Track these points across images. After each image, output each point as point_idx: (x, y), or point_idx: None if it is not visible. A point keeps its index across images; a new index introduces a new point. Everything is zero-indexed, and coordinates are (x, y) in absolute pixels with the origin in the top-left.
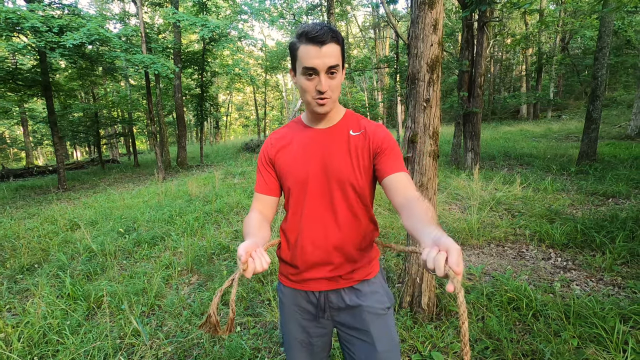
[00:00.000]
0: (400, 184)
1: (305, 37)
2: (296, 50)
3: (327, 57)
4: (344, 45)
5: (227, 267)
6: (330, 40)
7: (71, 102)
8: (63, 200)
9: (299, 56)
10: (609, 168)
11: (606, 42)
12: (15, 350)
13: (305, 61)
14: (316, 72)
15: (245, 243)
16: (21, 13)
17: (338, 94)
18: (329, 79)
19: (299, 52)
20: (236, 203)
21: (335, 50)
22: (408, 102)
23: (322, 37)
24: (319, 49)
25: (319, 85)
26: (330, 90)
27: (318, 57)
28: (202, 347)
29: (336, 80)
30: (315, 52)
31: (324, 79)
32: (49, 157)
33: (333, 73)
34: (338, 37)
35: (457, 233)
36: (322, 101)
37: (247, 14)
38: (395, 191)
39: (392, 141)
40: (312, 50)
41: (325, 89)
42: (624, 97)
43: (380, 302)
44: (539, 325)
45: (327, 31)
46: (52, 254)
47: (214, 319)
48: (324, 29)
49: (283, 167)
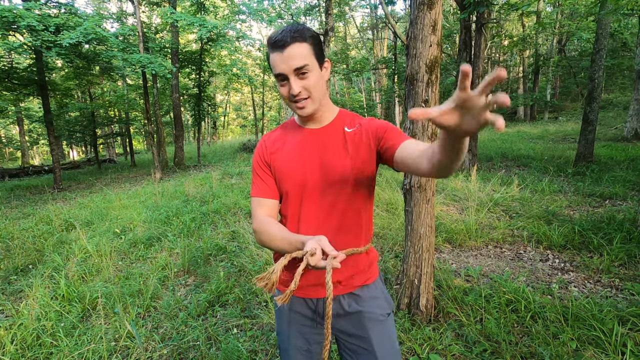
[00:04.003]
0: (412, 145)
1: (270, 45)
2: (269, 59)
3: (291, 60)
4: (316, 40)
5: (223, 268)
6: (292, 42)
7: (67, 101)
8: (59, 200)
9: (271, 64)
10: (606, 170)
11: (603, 44)
12: (8, 353)
13: (274, 68)
14: (285, 77)
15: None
16: (17, 11)
17: (319, 92)
18: (299, 80)
19: (270, 61)
20: (233, 204)
21: (300, 50)
22: (406, 103)
23: (282, 41)
24: (282, 53)
25: (290, 89)
26: (305, 91)
27: (283, 61)
28: (198, 350)
29: (310, 79)
30: (279, 57)
31: (293, 82)
32: (45, 157)
33: (304, 73)
34: (302, 35)
35: (455, 234)
36: (300, 104)
37: (245, 14)
38: (410, 153)
39: (389, 124)
40: (277, 56)
41: (297, 91)
42: (620, 99)
43: (380, 307)
44: (538, 327)
45: (287, 33)
46: (47, 254)
47: (275, 277)
48: (284, 32)
49: (279, 170)
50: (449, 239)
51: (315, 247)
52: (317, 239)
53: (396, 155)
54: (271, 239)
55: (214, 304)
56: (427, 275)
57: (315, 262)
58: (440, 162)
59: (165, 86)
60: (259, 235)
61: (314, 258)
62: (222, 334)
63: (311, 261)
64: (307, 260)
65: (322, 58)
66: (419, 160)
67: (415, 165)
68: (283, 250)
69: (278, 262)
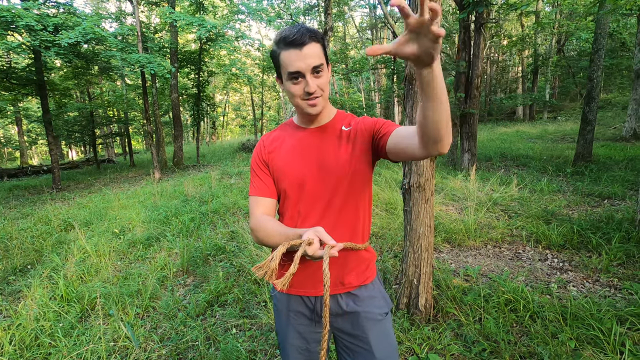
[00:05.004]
0: (404, 128)
1: (284, 42)
2: (278, 57)
3: (309, 58)
4: (325, 42)
5: (222, 268)
6: (309, 41)
7: (66, 101)
8: (57, 201)
9: (282, 62)
10: (605, 169)
11: (602, 44)
12: (6, 353)
13: (289, 66)
14: (302, 75)
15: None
16: (16, 11)
17: (327, 92)
18: (315, 79)
19: (281, 59)
20: (232, 204)
21: (316, 49)
22: (405, 103)
23: (301, 39)
24: (300, 51)
25: (307, 87)
26: (319, 89)
27: (300, 59)
28: (197, 350)
29: (323, 78)
30: (297, 55)
31: (310, 80)
32: (44, 157)
33: (319, 72)
34: (317, 35)
35: (454, 234)
36: (313, 101)
37: (244, 13)
38: (402, 135)
39: (381, 119)
40: (293, 54)
41: (314, 89)
42: (619, 99)
43: (378, 307)
44: (537, 327)
45: (305, 32)
46: (46, 254)
47: (274, 264)
48: (301, 31)
49: (278, 169)
50: (448, 239)
51: (312, 237)
52: (314, 230)
53: (389, 141)
54: (268, 234)
55: (213, 304)
56: (426, 275)
57: (313, 252)
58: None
59: (164, 86)
60: (255, 232)
61: (312, 247)
62: (221, 334)
63: (309, 250)
64: (305, 249)
65: (328, 58)
66: (410, 138)
67: (407, 142)
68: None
69: (277, 249)
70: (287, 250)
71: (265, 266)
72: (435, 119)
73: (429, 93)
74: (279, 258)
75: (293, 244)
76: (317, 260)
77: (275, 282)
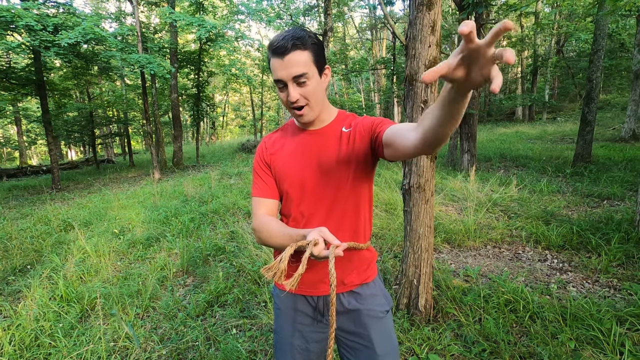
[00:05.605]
0: (400, 125)
1: (270, 49)
2: (269, 62)
3: (290, 67)
4: (317, 47)
5: (222, 268)
6: (292, 49)
7: (66, 101)
8: (57, 201)
9: (271, 69)
10: (604, 170)
11: (601, 45)
12: (6, 353)
13: (273, 73)
14: (285, 84)
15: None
16: (15, 11)
17: (317, 99)
18: (298, 88)
19: (270, 65)
20: (232, 204)
21: (301, 57)
22: (405, 104)
23: (282, 48)
24: (282, 60)
25: (288, 96)
26: (303, 98)
27: (282, 68)
28: (197, 350)
29: (308, 87)
30: (279, 64)
31: (291, 89)
32: (43, 157)
33: (303, 82)
34: (304, 43)
35: (453, 235)
36: (299, 112)
37: (244, 14)
38: (398, 130)
39: (379, 118)
40: (276, 62)
41: (295, 99)
42: (618, 99)
43: (379, 305)
44: (536, 327)
45: (289, 40)
46: (45, 255)
47: (283, 265)
48: (285, 38)
49: (279, 171)
50: (448, 239)
51: (317, 238)
52: (318, 230)
53: (385, 136)
54: (271, 235)
55: (213, 304)
56: (426, 276)
57: (318, 252)
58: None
59: (164, 86)
60: (258, 233)
61: (317, 248)
62: (221, 335)
63: (314, 251)
64: (311, 250)
65: (322, 64)
66: (407, 132)
67: (403, 138)
68: (284, 246)
69: (285, 251)
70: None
71: (275, 267)
72: (446, 131)
73: (452, 111)
74: (287, 259)
75: (300, 245)
76: (321, 260)
77: (285, 283)
